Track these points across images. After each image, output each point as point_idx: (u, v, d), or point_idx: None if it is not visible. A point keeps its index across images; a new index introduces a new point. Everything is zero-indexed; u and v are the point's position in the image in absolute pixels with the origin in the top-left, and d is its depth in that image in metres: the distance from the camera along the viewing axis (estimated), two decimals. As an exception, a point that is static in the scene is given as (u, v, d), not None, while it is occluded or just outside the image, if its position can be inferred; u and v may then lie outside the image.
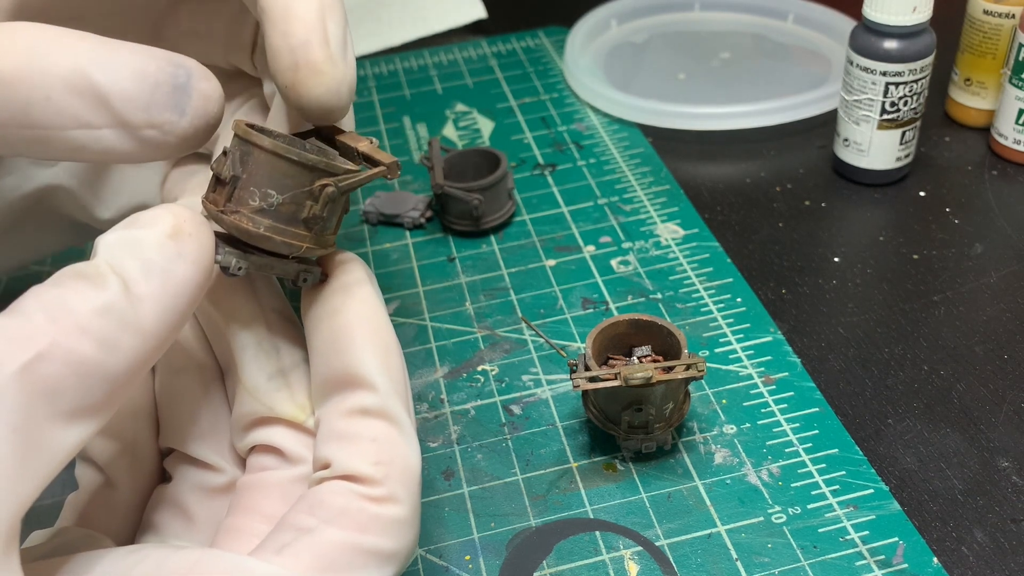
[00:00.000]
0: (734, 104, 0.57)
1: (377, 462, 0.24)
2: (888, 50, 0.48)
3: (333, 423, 0.25)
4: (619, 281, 0.47)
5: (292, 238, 0.25)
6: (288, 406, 0.27)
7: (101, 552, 0.22)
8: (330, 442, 0.25)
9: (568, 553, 0.34)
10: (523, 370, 0.42)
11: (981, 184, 0.52)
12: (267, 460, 0.27)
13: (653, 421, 0.36)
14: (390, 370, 0.25)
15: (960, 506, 0.35)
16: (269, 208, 0.25)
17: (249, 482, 0.27)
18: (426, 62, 0.69)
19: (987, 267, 0.46)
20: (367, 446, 0.24)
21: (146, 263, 0.22)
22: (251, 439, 0.27)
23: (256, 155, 0.24)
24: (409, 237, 0.51)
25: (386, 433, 0.25)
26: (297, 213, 0.25)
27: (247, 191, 0.24)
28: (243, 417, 0.27)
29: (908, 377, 0.40)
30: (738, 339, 0.43)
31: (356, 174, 0.25)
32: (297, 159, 0.24)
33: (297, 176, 0.25)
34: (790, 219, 0.51)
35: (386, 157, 0.26)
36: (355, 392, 0.25)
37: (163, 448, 0.29)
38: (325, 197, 0.25)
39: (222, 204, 0.25)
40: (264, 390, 0.27)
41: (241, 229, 0.25)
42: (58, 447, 0.20)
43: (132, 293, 0.21)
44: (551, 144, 0.58)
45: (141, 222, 0.22)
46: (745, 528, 0.34)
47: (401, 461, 0.24)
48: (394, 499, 0.24)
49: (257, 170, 0.24)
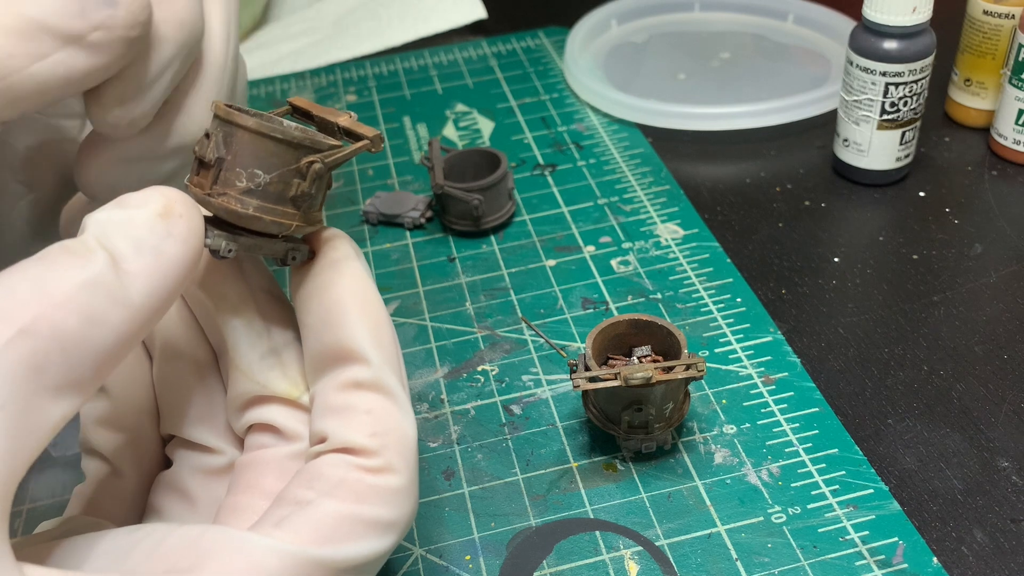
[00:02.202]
0: (734, 104, 0.57)
1: (373, 433, 0.24)
2: (888, 50, 0.48)
3: (328, 397, 0.25)
4: (619, 281, 0.47)
5: (281, 217, 0.25)
6: (282, 383, 0.27)
7: (103, 532, 0.22)
8: (325, 416, 0.25)
9: (568, 553, 0.34)
10: (523, 370, 0.42)
11: (981, 184, 0.52)
12: (264, 438, 0.27)
13: (653, 421, 0.36)
14: (382, 343, 0.25)
15: (960, 506, 0.35)
16: (257, 188, 0.25)
17: (247, 461, 0.27)
18: (426, 62, 0.69)
19: (987, 267, 0.46)
20: (362, 418, 0.24)
21: (136, 241, 0.22)
22: (247, 419, 0.28)
23: (239, 135, 0.24)
24: (409, 237, 0.51)
25: (380, 405, 0.25)
26: (285, 192, 0.25)
27: (233, 172, 0.24)
28: (238, 397, 0.28)
29: (908, 377, 0.41)
30: (738, 339, 0.43)
31: (341, 149, 0.26)
32: (282, 137, 0.24)
33: (282, 154, 0.25)
34: (790, 219, 0.51)
35: (368, 130, 0.26)
36: (348, 366, 0.25)
37: (164, 435, 0.30)
38: (312, 174, 0.25)
39: (208, 187, 0.25)
40: (257, 369, 0.27)
41: (230, 211, 0.25)
42: (44, 422, 0.20)
43: (121, 269, 0.21)
44: (551, 144, 0.58)
45: (131, 202, 0.23)
46: (745, 528, 0.34)
47: (397, 431, 0.25)
48: (391, 469, 0.24)
49: (242, 150, 0.24)
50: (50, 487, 0.39)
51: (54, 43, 0.24)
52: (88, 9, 0.24)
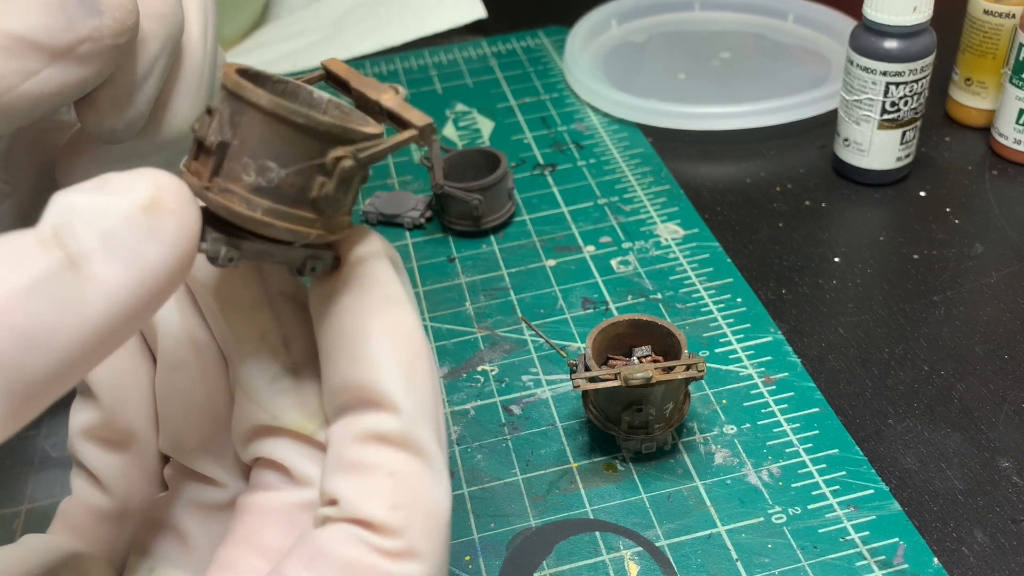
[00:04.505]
0: (734, 104, 0.57)
1: (394, 505, 0.20)
2: (888, 50, 0.48)
3: (344, 448, 0.21)
4: (619, 281, 0.47)
5: (298, 223, 0.20)
6: (294, 414, 0.22)
7: None
8: (339, 473, 0.20)
9: (568, 553, 0.34)
10: (523, 370, 0.42)
11: (981, 184, 0.52)
12: (271, 477, 0.23)
13: (653, 421, 0.36)
14: (416, 386, 0.20)
15: (960, 506, 0.35)
16: (268, 185, 0.19)
17: (249, 503, 0.23)
18: (426, 62, 0.69)
19: (987, 267, 0.46)
20: (383, 482, 0.20)
21: (108, 238, 0.17)
22: (254, 450, 0.23)
23: (251, 115, 0.19)
24: (409, 237, 0.51)
25: (408, 467, 0.20)
26: (304, 191, 0.20)
27: (239, 162, 0.19)
28: (243, 423, 0.23)
29: (908, 377, 0.40)
30: (738, 339, 0.43)
31: (379, 141, 0.20)
32: (305, 122, 0.19)
33: (304, 143, 0.19)
34: (790, 219, 0.51)
35: (418, 116, 0.20)
36: (371, 412, 0.20)
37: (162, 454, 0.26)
38: (340, 172, 0.19)
39: (207, 178, 0.19)
40: (267, 394, 0.22)
41: (232, 212, 0.19)
42: None
43: (82, 274, 0.17)
44: (551, 144, 0.58)
45: (112, 186, 0.18)
46: (745, 528, 0.34)
47: (425, 504, 0.20)
48: (414, 554, 0.20)
49: (251, 135, 0.19)
50: (49, 487, 0.39)
51: (43, 59, 0.24)
52: (74, 22, 0.24)
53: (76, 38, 0.24)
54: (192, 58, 0.29)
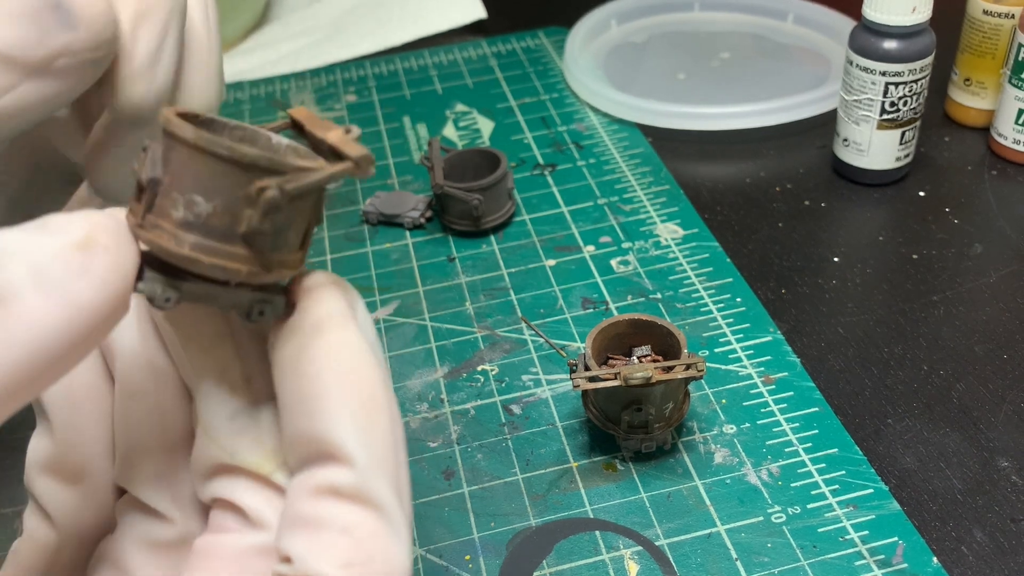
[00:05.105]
0: (734, 104, 0.57)
1: (347, 563, 0.19)
2: (888, 50, 0.48)
3: (298, 503, 0.20)
4: (619, 281, 0.47)
5: (226, 259, 0.19)
6: (252, 454, 0.21)
7: None
8: (293, 528, 0.19)
9: (568, 553, 0.34)
10: (523, 370, 0.42)
11: (981, 184, 0.52)
12: (227, 519, 0.22)
13: (653, 421, 0.36)
14: (373, 438, 0.19)
15: (960, 506, 0.35)
16: (196, 220, 0.19)
17: (205, 546, 0.22)
18: (426, 62, 0.69)
19: (987, 267, 0.46)
20: (336, 539, 0.19)
21: (38, 272, 0.17)
22: (211, 489, 0.22)
23: (178, 150, 0.19)
24: (409, 237, 0.51)
25: (363, 522, 0.19)
26: (233, 226, 0.19)
27: (169, 198, 0.19)
28: (202, 460, 0.22)
29: (908, 377, 0.41)
30: (738, 339, 0.43)
31: (307, 172, 0.19)
32: (227, 154, 0.19)
33: (229, 176, 0.19)
34: (790, 219, 0.51)
35: (355, 149, 0.20)
36: (325, 465, 0.19)
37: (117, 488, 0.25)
38: (265, 203, 0.19)
39: (140, 216, 0.19)
40: (226, 432, 0.21)
41: (161, 248, 0.19)
42: None
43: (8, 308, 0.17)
44: (551, 144, 0.58)
45: (50, 226, 0.18)
46: (745, 528, 0.34)
47: (380, 562, 0.19)
48: None
49: (180, 170, 0.19)
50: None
51: (18, 74, 0.23)
52: (48, 36, 0.23)
53: (50, 53, 0.23)
54: (198, 39, 0.29)
